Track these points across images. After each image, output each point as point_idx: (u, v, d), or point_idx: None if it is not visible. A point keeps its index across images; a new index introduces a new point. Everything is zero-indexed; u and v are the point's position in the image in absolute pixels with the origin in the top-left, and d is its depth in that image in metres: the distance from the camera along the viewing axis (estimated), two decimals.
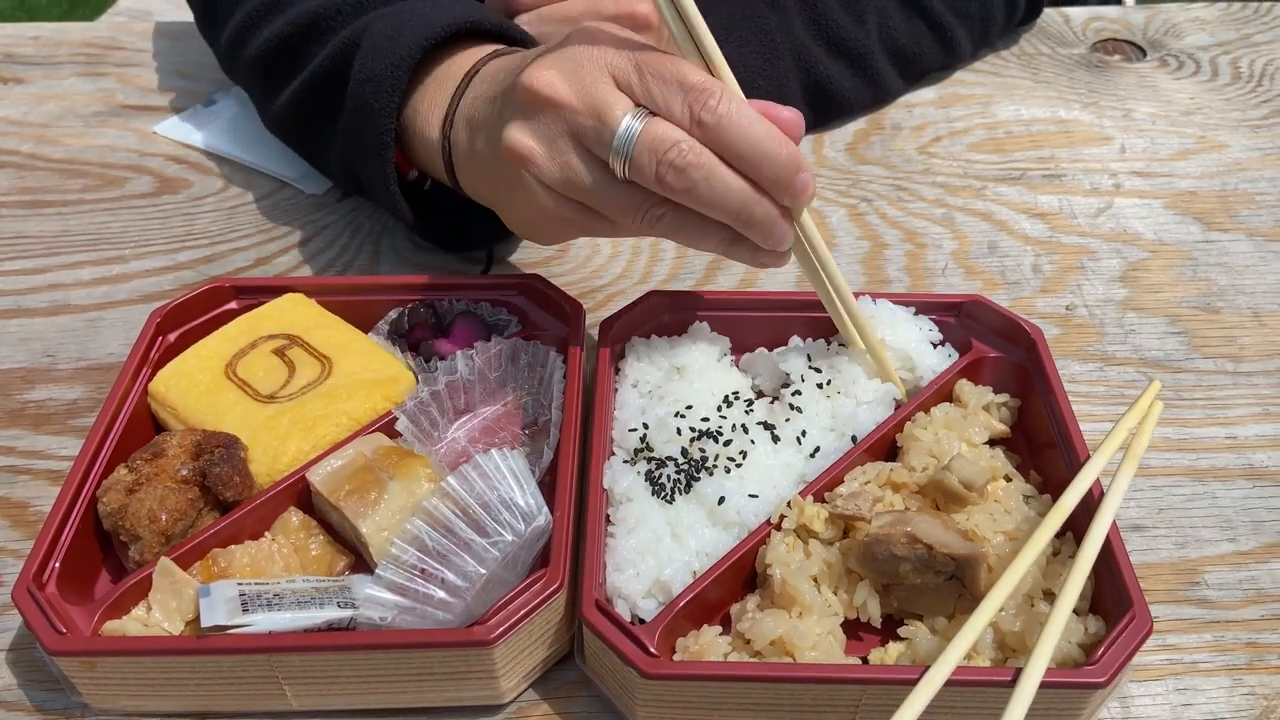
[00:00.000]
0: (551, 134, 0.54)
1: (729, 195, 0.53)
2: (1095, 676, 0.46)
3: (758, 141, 0.51)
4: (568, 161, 0.54)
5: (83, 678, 0.49)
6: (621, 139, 0.52)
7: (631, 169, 0.52)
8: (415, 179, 0.73)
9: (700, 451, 0.58)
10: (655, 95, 0.52)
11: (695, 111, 0.51)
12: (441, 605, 0.48)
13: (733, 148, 0.51)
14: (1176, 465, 0.63)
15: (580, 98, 0.52)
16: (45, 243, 0.79)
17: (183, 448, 0.56)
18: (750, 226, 0.54)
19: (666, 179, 0.52)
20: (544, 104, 0.53)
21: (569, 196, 0.56)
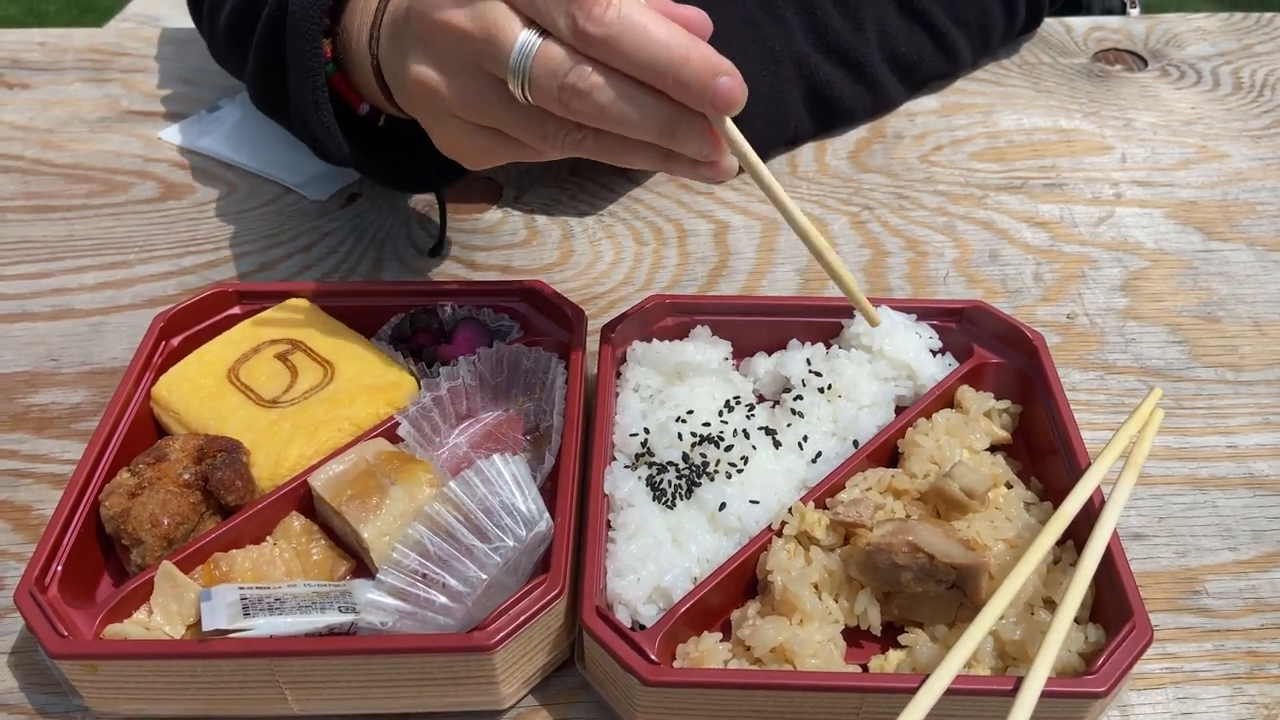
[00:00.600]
0: (450, 62, 0.51)
1: (646, 115, 0.48)
2: (1095, 686, 0.46)
3: (659, 49, 0.46)
4: (471, 90, 0.51)
5: (84, 681, 0.49)
6: (515, 62, 0.48)
7: (533, 94, 0.49)
8: (368, 114, 0.70)
9: (701, 457, 0.58)
10: (540, 9, 0.47)
11: (580, 24, 0.46)
12: (443, 610, 0.48)
13: (632, 59, 0.47)
14: (1177, 474, 0.63)
15: (472, 20, 0.49)
16: (50, 247, 0.79)
17: (185, 452, 0.56)
18: (677, 142, 0.50)
19: (571, 104, 0.48)
20: (437, 30, 0.50)
21: (479, 123, 0.53)
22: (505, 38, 0.48)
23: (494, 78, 0.50)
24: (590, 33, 0.46)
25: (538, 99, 0.49)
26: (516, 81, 0.49)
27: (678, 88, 0.47)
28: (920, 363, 0.62)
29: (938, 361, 0.63)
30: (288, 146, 0.88)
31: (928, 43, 0.91)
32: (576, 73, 0.47)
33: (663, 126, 0.49)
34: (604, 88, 0.48)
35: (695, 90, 0.47)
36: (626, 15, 0.46)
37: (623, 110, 0.48)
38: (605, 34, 0.46)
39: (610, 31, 0.46)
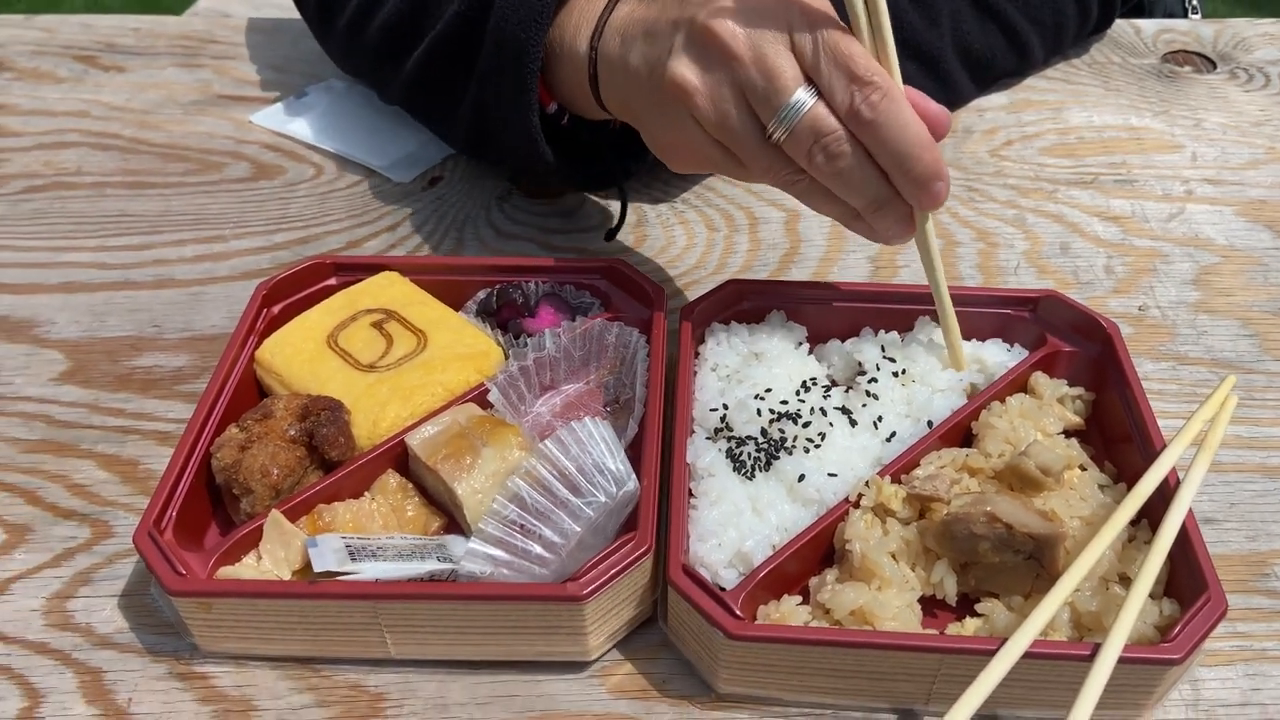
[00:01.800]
0: (718, 79, 0.54)
1: (867, 188, 0.54)
2: (1171, 653, 0.47)
3: (907, 144, 0.52)
4: (727, 110, 0.55)
5: (197, 619, 0.52)
6: (787, 111, 0.52)
7: (788, 140, 0.53)
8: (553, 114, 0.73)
9: (780, 432, 0.60)
10: (824, 74, 0.52)
11: (856, 103, 0.51)
12: (538, 561, 0.51)
13: (883, 145, 0.52)
14: (1248, 462, 0.64)
15: (756, 56, 0.53)
16: (149, 221, 0.83)
17: (290, 410, 0.59)
18: (876, 218, 0.56)
19: (816, 160, 0.53)
20: (719, 49, 0.54)
21: (717, 138, 0.56)
22: (784, 86, 0.52)
23: (749, 107, 0.54)
24: (862, 113, 0.52)
25: (788, 147, 0.54)
26: (777, 126, 0.53)
27: (904, 178, 0.53)
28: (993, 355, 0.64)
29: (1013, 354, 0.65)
30: (372, 131, 0.91)
31: (1001, 40, 0.92)
32: (834, 139, 0.53)
33: (873, 200, 0.55)
34: (848, 157, 0.53)
35: (916, 186, 0.54)
36: (894, 107, 0.52)
37: (853, 179, 0.54)
38: (874, 118, 0.52)
39: (878, 118, 0.52)
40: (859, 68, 0.52)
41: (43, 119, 0.95)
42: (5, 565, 0.59)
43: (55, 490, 0.63)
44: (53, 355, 0.72)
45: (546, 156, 0.70)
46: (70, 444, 0.66)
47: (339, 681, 0.53)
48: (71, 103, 0.97)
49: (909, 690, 0.50)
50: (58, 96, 0.98)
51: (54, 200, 0.86)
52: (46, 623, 0.56)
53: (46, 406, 0.68)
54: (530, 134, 0.68)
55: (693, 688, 0.53)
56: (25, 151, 0.91)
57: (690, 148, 0.58)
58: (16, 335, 0.73)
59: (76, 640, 0.55)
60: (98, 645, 0.55)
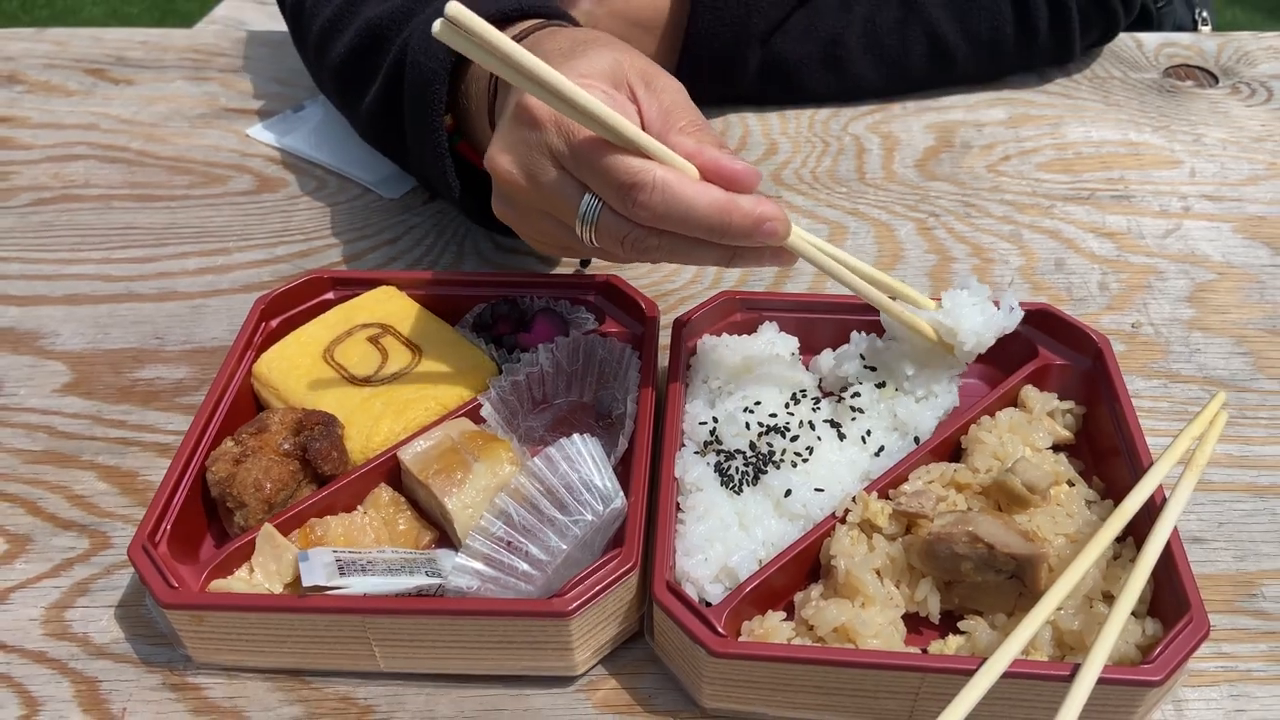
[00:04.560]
0: (522, 208, 0.58)
1: (701, 257, 0.55)
2: (1151, 675, 0.47)
3: (701, 220, 0.51)
4: (545, 229, 0.58)
5: (190, 631, 0.53)
6: (584, 220, 0.54)
7: (600, 243, 0.55)
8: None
9: (768, 446, 0.60)
10: (594, 186, 0.53)
11: (629, 208, 0.52)
12: (524, 577, 0.51)
13: (682, 228, 0.52)
14: (1238, 481, 0.64)
15: (533, 185, 0.55)
16: (154, 234, 0.84)
17: (284, 424, 0.59)
18: (739, 264, 0.56)
19: (633, 257, 0.55)
20: (506, 188, 0.57)
21: (560, 244, 0.59)
22: (568, 204, 0.54)
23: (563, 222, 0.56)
24: (640, 216, 0.52)
25: (604, 246, 0.55)
26: (585, 233, 0.54)
27: (728, 240, 0.53)
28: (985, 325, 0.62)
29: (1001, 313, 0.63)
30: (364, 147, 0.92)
31: (922, 44, 0.94)
32: (632, 236, 0.53)
33: (721, 258, 0.55)
34: (662, 247, 0.54)
35: (744, 240, 0.53)
36: (669, 196, 0.51)
37: (684, 256, 0.55)
38: (652, 214, 0.52)
39: (657, 212, 0.51)
40: (618, 173, 0.51)
41: (52, 132, 0.97)
42: (5, 575, 0.60)
43: (56, 501, 0.64)
44: (56, 367, 0.73)
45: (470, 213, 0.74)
46: (72, 455, 0.67)
47: (329, 693, 0.54)
48: (81, 115, 0.99)
49: (891, 707, 0.51)
50: (67, 109, 1.00)
51: (61, 212, 0.87)
52: (45, 632, 0.57)
53: (49, 418, 0.69)
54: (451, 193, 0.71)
55: (678, 703, 0.53)
56: (34, 164, 0.93)
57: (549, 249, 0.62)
58: (21, 346, 0.74)
59: (74, 650, 0.56)
60: (94, 655, 0.56)
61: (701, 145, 0.53)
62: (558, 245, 0.60)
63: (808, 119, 0.96)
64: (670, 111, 0.54)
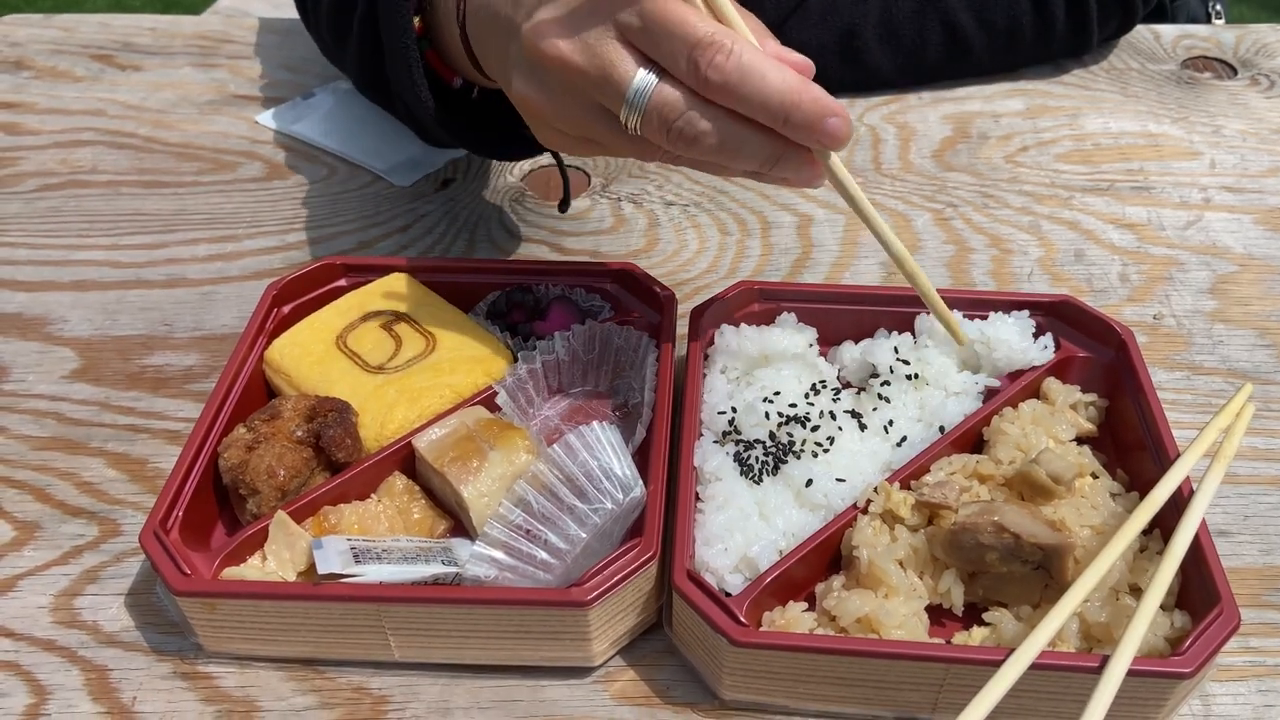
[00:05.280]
0: (558, 90, 0.52)
1: (748, 151, 0.51)
2: (1182, 667, 0.46)
3: (774, 93, 0.48)
4: (578, 115, 0.53)
5: (201, 619, 0.52)
6: (631, 101, 0.50)
7: (644, 130, 0.51)
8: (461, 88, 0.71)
9: (788, 436, 0.59)
10: (662, 51, 0.49)
11: (701, 69, 0.48)
12: (543, 566, 0.50)
13: (749, 102, 0.48)
14: (1264, 474, 0.63)
15: (586, 58, 0.50)
16: (163, 220, 0.84)
17: (297, 411, 0.59)
18: (778, 170, 0.52)
19: (678, 145, 0.50)
20: (547, 61, 0.51)
21: (579, 136, 0.55)
22: (621, 76, 0.49)
23: (603, 107, 0.52)
24: (711, 79, 0.48)
25: (648, 134, 0.51)
26: (629, 116, 0.50)
27: (788, 128, 0.49)
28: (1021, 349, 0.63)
29: (1038, 345, 0.64)
30: (375, 134, 0.91)
31: (939, 33, 0.92)
32: (688, 118, 0.49)
33: (765, 159, 0.51)
34: (713, 132, 0.50)
35: (805, 131, 0.49)
36: (746, 62, 0.48)
37: (729, 149, 0.50)
38: (725, 80, 0.48)
39: (730, 79, 0.48)
40: (693, 32, 0.48)
41: (59, 118, 0.96)
42: (14, 562, 0.59)
43: (65, 488, 0.63)
44: (65, 353, 0.72)
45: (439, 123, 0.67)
46: (80, 442, 0.66)
47: (342, 683, 0.53)
48: (88, 101, 0.98)
49: (914, 699, 0.50)
50: (74, 95, 0.99)
51: (69, 199, 0.86)
52: (54, 620, 0.56)
53: (57, 404, 0.68)
54: (420, 101, 0.66)
55: (697, 694, 0.53)
56: (42, 150, 0.92)
57: (565, 145, 0.57)
58: (29, 333, 0.74)
59: (83, 638, 0.56)
60: (104, 643, 0.55)
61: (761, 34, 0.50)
62: (580, 138, 0.55)
63: None
64: None
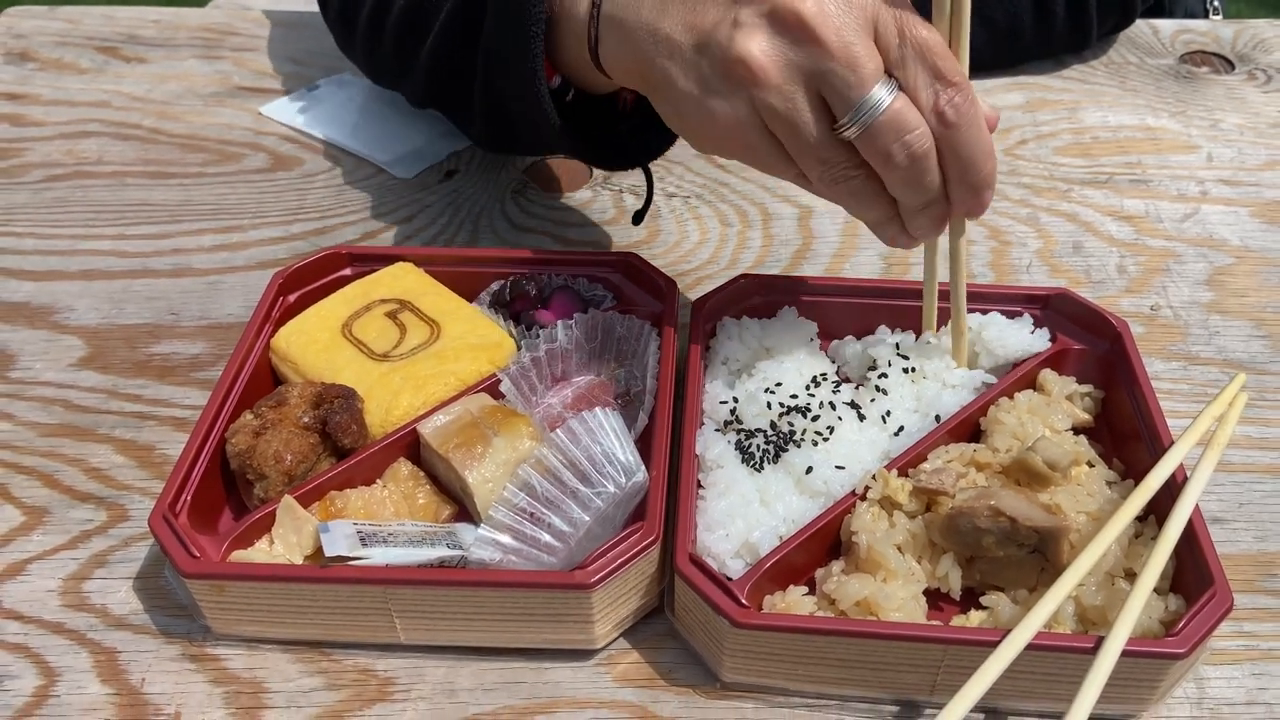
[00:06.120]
0: (795, 64, 0.49)
1: (929, 188, 0.51)
2: (1176, 648, 0.47)
3: (979, 151, 0.50)
4: (796, 100, 0.49)
5: (210, 602, 0.53)
6: (867, 106, 0.48)
7: (863, 137, 0.49)
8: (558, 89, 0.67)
9: (789, 425, 0.60)
10: (909, 70, 0.49)
11: (940, 104, 0.49)
12: (547, 549, 0.51)
13: (958, 149, 0.50)
14: (1258, 463, 0.64)
15: (840, 43, 0.48)
16: (169, 210, 0.84)
17: (304, 398, 0.59)
18: (919, 218, 0.53)
19: (894, 159, 0.49)
20: (803, 32, 0.48)
21: (772, 127, 0.51)
22: (865, 77, 0.48)
23: (820, 98, 0.50)
24: (946, 115, 0.49)
25: (861, 144, 0.50)
26: (851, 123, 0.49)
27: (963, 183, 0.51)
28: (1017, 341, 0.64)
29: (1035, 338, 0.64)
30: (379, 126, 0.92)
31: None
32: (917, 136, 0.49)
33: (927, 202, 0.52)
34: (921, 159, 0.50)
35: (973, 192, 0.51)
36: (974, 111, 0.49)
37: (918, 180, 0.51)
38: (957, 121, 0.49)
39: (961, 122, 0.49)
40: (945, 66, 0.48)
41: (65, 109, 0.96)
42: (23, 546, 0.60)
43: (73, 474, 0.64)
44: (72, 341, 0.73)
45: (554, 124, 0.63)
46: (88, 428, 0.67)
47: (349, 665, 0.54)
48: (93, 93, 0.98)
49: (913, 681, 0.51)
50: (80, 87, 0.99)
51: (75, 189, 0.87)
52: (63, 603, 0.57)
53: (65, 391, 0.69)
54: (538, 102, 0.62)
55: (698, 677, 0.53)
56: (48, 141, 0.92)
57: (734, 133, 0.52)
58: (37, 321, 0.74)
59: (92, 621, 0.56)
60: (113, 626, 0.56)
61: None
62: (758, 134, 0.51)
63: None
64: None
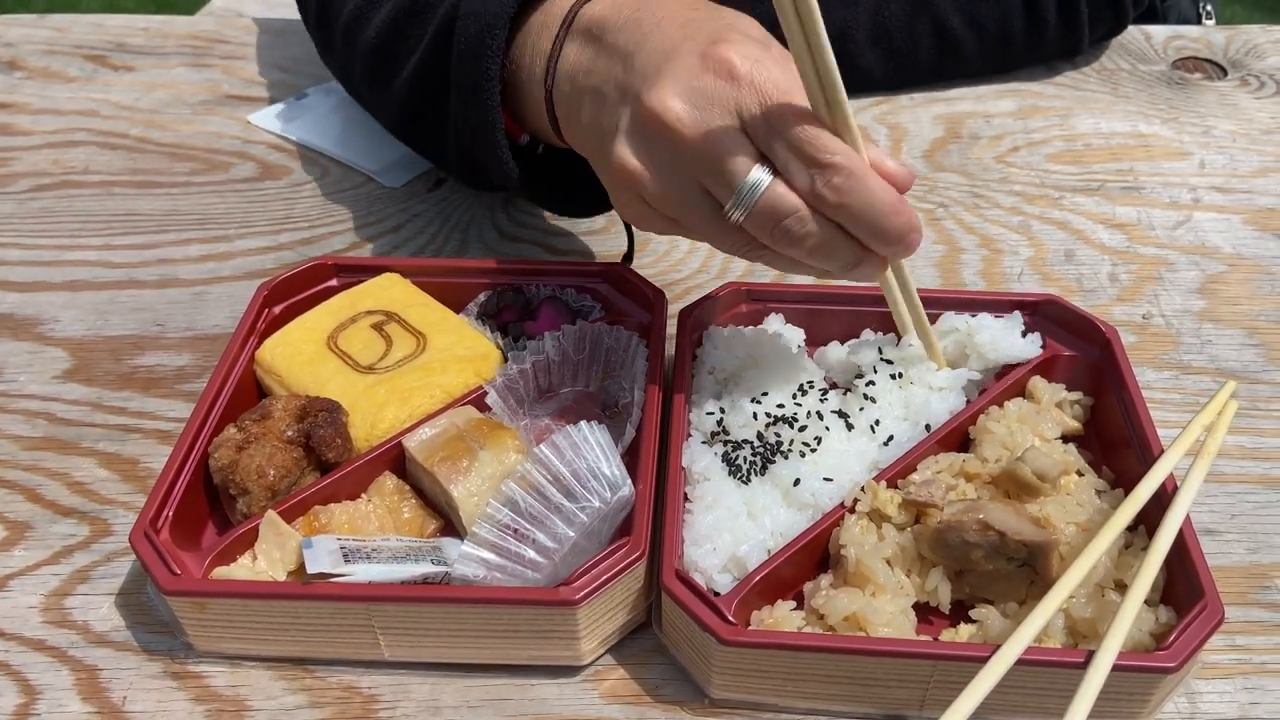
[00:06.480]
0: (668, 165, 0.52)
1: (839, 256, 0.52)
2: (1166, 661, 0.47)
3: (877, 216, 0.49)
4: (680, 195, 0.52)
5: (191, 619, 0.52)
6: (742, 194, 0.50)
7: (748, 221, 0.51)
8: (527, 145, 0.70)
9: (775, 436, 0.59)
10: (779, 156, 0.49)
11: (818, 187, 0.49)
12: (531, 565, 0.51)
13: (853, 221, 0.50)
14: (1250, 473, 0.63)
15: (705, 139, 0.50)
16: (156, 220, 0.84)
17: (288, 411, 0.59)
18: (854, 275, 0.54)
19: (779, 241, 0.51)
20: (665, 134, 0.51)
21: (671, 216, 0.55)
22: (737, 168, 0.49)
23: (706, 191, 0.51)
24: (826, 197, 0.49)
25: (750, 227, 0.51)
26: (734, 208, 0.50)
27: (875, 241, 0.51)
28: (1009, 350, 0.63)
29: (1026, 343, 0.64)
30: (368, 135, 0.92)
31: (929, 36, 0.92)
32: (795, 219, 0.50)
33: (848, 264, 0.52)
34: (816, 234, 0.50)
35: (891, 245, 0.51)
36: (859, 184, 0.49)
37: (821, 251, 0.51)
38: (839, 201, 0.49)
39: (844, 199, 0.49)
40: (817, 149, 0.48)
41: (52, 118, 0.96)
42: (5, 562, 0.59)
43: (56, 488, 0.63)
44: (56, 353, 0.72)
45: (512, 174, 0.66)
46: (72, 442, 0.66)
47: (332, 683, 0.53)
48: (81, 102, 0.98)
49: (902, 696, 0.50)
50: (67, 96, 0.99)
51: (61, 199, 0.86)
52: (44, 619, 0.57)
53: (49, 404, 0.69)
54: (497, 158, 0.65)
55: (686, 693, 0.53)
56: (34, 150, 0.92)
57: (646, 221, 0.56)
58: (21, 333, 0.74)
59: (73, 637, 0.56)
60: (94, 643, 0.55)
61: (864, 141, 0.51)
62: (665, 217, 0.55)
63: None
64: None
